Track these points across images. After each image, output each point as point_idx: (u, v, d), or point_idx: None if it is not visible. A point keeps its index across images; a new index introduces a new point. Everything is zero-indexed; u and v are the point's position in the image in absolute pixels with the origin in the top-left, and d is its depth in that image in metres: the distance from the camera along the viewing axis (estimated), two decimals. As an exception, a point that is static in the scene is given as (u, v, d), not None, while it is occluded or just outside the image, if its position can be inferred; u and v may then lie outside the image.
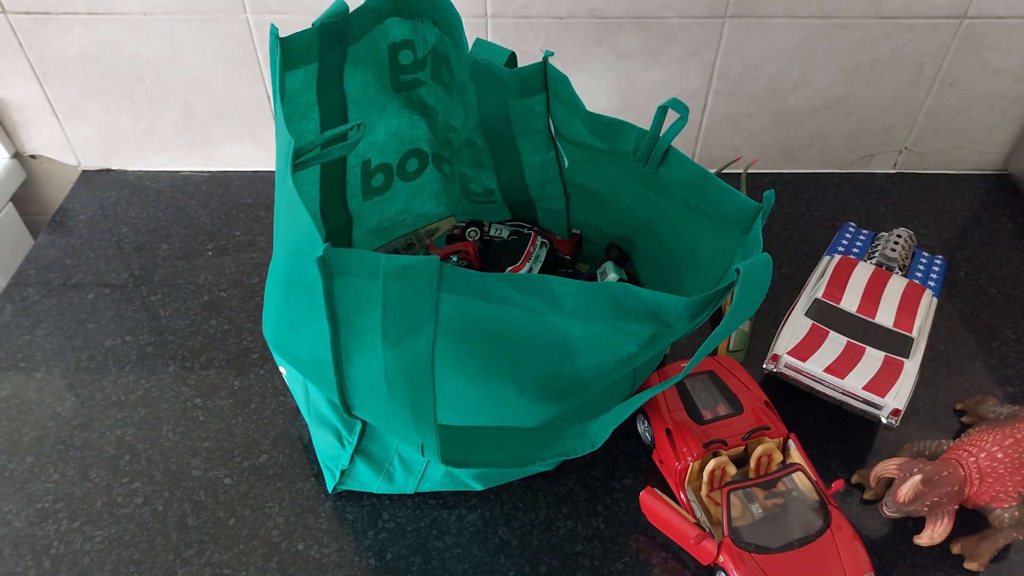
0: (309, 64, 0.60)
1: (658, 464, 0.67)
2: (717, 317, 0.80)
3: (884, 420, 0.66)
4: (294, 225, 0.47)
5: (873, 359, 0.68)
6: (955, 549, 0.62)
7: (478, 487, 0.62)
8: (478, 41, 0.64)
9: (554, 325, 0.48)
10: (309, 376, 0.55)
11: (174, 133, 0.96)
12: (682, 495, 0.63)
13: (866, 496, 0.65)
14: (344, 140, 0.55)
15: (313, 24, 0.58)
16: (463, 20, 0.85)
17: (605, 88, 0.91)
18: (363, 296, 0.46)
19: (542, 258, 0.73)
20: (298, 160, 0.51)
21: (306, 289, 0.48)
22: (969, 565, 0.61)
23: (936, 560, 0.62)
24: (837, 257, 0.76)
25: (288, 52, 0.58)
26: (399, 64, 0.67)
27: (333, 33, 0.60)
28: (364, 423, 0.60)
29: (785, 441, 0.65)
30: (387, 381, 0.49)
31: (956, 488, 0.59)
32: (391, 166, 0.75)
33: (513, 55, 0.65)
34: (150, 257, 0.87)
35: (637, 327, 0.48)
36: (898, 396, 0.65)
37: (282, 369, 0.67)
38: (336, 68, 0.63)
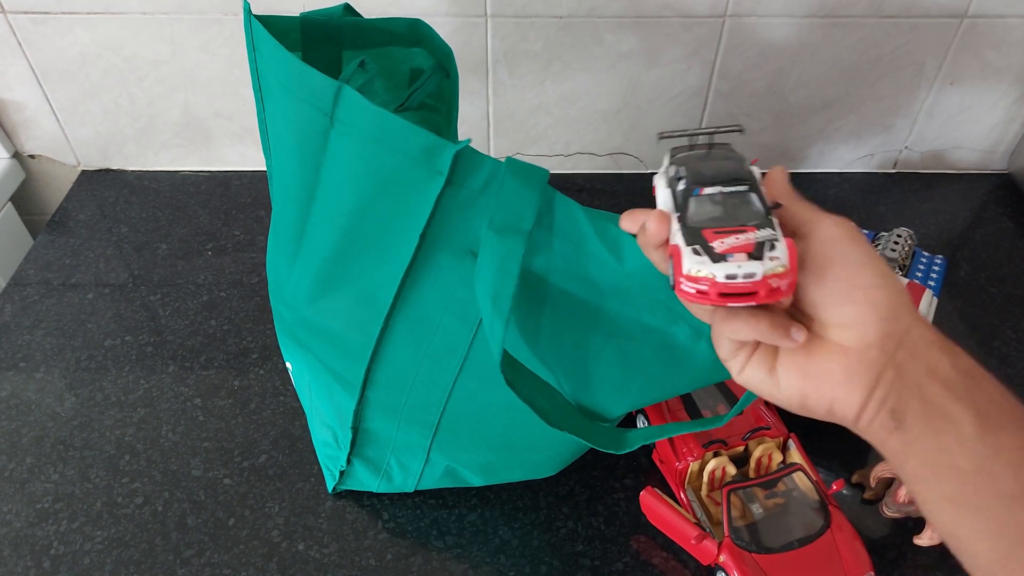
0: (292, 52, 0.59)
1: (658, 464, 0.67)
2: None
3: (884, 420, 0.66)
4: (388, 149, 0.47)
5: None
6: (955, 549, 0.62)
7: (478, 482, 0.62)
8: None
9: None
10: (336, 348, 0.55)
11: (174, 133, 0.96)
12: (682, 495, 0.63)
13: (866, 496, 0.65)
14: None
15: (300, 14, 0.57)
16: (463, 19, 0.85)
17: (605, 88, 0.91)
18: (471, 188, 0.47)
19: None
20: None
21: (388, 219, 0.49)
22: (969, 565, 0.61)
23: (936, 560, 0.62)
24: (837, 257, 0.76)
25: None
26: (418, 87, 0.65)
27: (322, 31, 0.58)
28: (355, 432, 0.59)
29: (785, 441, 0.65)
30: (453, 292, 0.50)
31: (956, 488, 0.59)
32: None
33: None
34: (150, 257, 0.87)
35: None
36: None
37: (288, 364, 0.67)
38: (330, 69, 0.61)
